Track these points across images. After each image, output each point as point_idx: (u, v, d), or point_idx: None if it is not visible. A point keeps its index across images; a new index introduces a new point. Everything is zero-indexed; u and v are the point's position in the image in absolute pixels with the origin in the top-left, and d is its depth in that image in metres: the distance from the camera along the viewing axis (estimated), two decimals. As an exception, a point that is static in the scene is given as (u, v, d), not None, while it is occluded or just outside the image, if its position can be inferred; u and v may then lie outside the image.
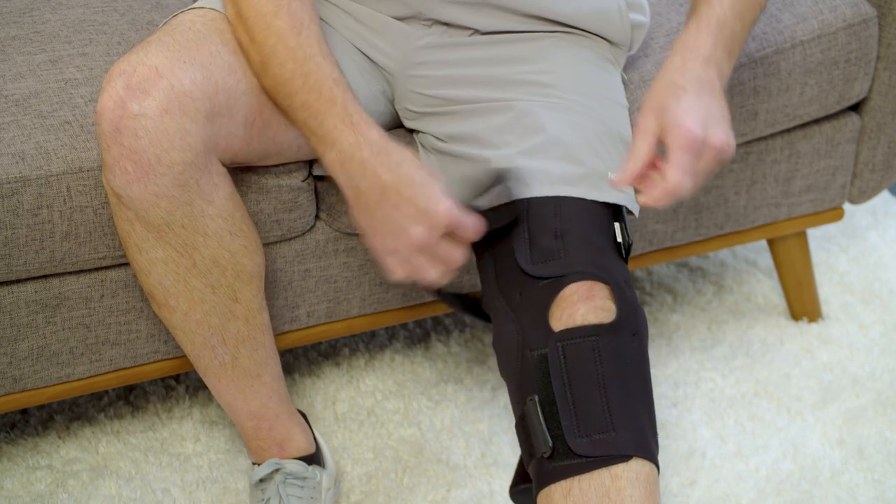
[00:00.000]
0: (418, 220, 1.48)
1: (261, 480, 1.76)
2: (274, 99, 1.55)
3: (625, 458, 1.43)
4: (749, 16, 1.54)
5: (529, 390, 1.48)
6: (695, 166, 1.44)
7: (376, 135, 1.50)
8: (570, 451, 1.44)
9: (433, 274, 1.51)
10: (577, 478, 1.43)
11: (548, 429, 1.45)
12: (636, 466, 1.44)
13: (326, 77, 1.50)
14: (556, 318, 1.48)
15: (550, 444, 1.44)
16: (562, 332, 1.46)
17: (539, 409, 1.46)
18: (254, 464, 1.79)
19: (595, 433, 1.44)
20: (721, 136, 1.45)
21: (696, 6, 1.54)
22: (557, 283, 1.49)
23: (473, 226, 1.49)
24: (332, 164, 1.51)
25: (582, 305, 1.47)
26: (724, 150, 1.45)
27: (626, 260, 1.56)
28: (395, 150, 1.49)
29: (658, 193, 1.44)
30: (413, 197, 1.48)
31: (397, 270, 1.52)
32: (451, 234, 1.50)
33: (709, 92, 1.47)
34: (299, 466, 1.76)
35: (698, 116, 1.44)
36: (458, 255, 1.51)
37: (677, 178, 1.43)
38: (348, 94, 1.51)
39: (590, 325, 1.46)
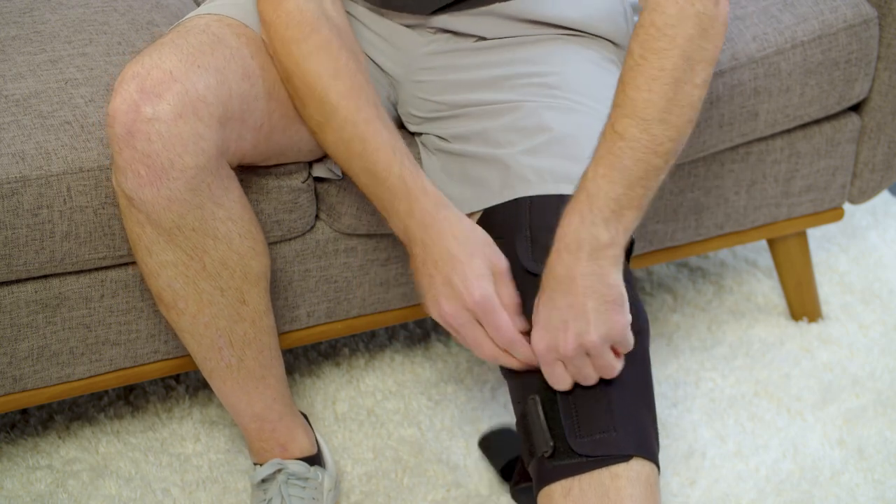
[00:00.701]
0: (450, 297, 1.47)
1: (263, 481, 1.76)
2: (334, 158, 1.56)
3: (625, 457, 1.43)
4: (637, 169, 1.42)
5: (530, 389, 1.48)
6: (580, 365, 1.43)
7: (427, 204, 1.49)
8: (570, 450, 1.44)
9: (487, 349, 1.48)
10: (577, 477, 1.43)
11: (549, 428, 1.45)
12: (636, 466, 1.44)
13: (384, 143, 1.51)
14: None
15: (551, 444, 1.45)
16: None
17: (540, 407, 1.46)
18: (255, 464, 1.79)
19: (596, 433, 1.44)
20: (568, 338, 1.41)
21: (585, 174, 1.44)
22: None
23: (505, 325, 1.45)
24: (394, 228, 1.54)
25: None
26: (581, 345, 1.41)
27: (628, 259, 1.56)
28: (442, 221, 1.49)
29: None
30: (449, 275, 1.47)
31: (454, 335, 1.50)
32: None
33: (560, 293, 1.41)
34: (301, 467, 1.76)
35: (544, 327, 1.43)
36: (504, 334, 1.46)
37: (563, 385, 1.44)
38: (405, 162, 1.51)
39: None
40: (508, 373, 1.52)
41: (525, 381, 1.49)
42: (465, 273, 1.46)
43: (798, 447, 1.94)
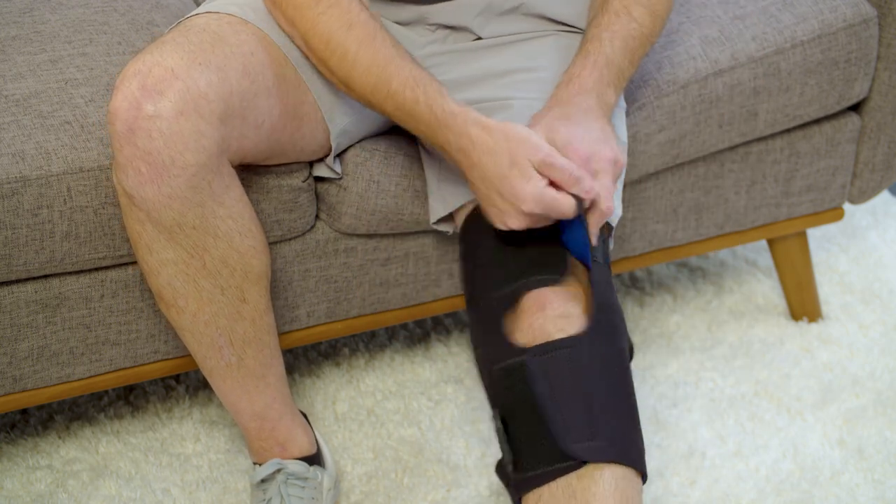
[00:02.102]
0: (509, 213, 1.51)
1: (262, 480, 1.76)
2: (369, 107, 1.60)
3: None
4: (638, 52, 1.64)
5: (494, 404, 1.50)
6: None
7: (457, 127, 1.52)
8: (535, 462, 1.46)
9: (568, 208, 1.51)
10: (546, 485, 1.45)
11: (508, 441, 1.48)
12: (608, 468, 1.45)
13: (406, 80, 1.54)
14: (520, 329, 1.49)
15: (510, 458, 1.47)
16: (519, 348, 1.48)
17: (500, 422, 1.49)
18: (255, 464, 1.79)
19: (582, 440, 1.45)
20: (608, 151, 1.52)
21: (585, 45, 1.61)
22: (513, 294, 1.51)
23: (566, 205, 1.49)
24: (445, 157, 1.59)
25: (539, 316, 1.48)
26: (615, 162, 1.53)
27: (607, 262, 1.57)
28: (474, 141, 1.51)
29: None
30: (498, 192, 1.50)
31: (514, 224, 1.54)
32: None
33: (593, 118, 1.55)
34: (301, 467, 1.76)
35: (584, 139, 1.51)
36: (565, 206, 1.50)
37: (588, 183, 1.49)
38: (429, 91, 1.54)
39: (560, 339, 1.47)
40: (484, 386, 1.53)
41: (492, 396, 1.51)
42: (510, 186, 1.49)
43: (798, 447, 1.94)
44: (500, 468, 1.51)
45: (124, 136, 1.48)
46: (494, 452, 1.92)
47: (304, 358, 2.07)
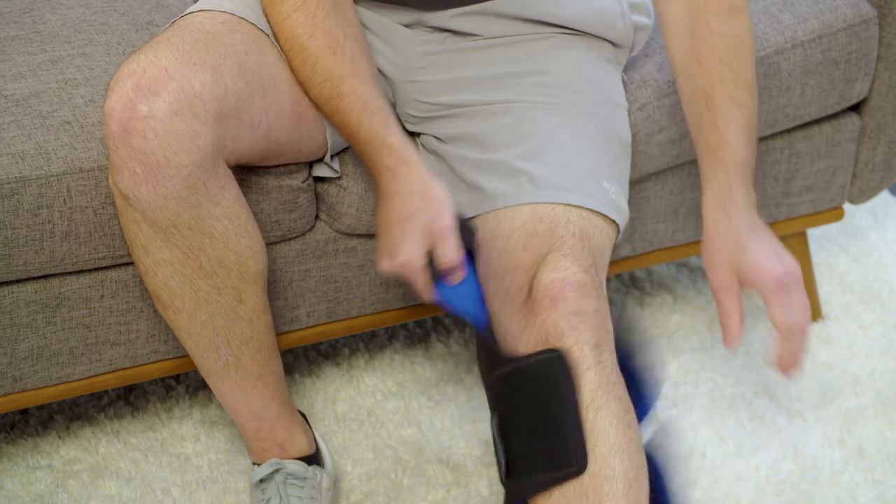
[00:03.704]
0: (385, 255, 1.51)
1: (261, 480, 1.76)
2: (320, 111, 1.60)
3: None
4: (755, 134, 1.62)
5: (492, 408, 1.51)
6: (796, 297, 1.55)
7: (389, 160, 1.53)
8: (525, 470, 1.47)
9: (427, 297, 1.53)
10: (558, 487, 1.45)
11: (503, 446, 1.48)
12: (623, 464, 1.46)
13: (357, 100, 1.54)
14: (533, 325, 1.49)
15: (504, 462, 1.48)
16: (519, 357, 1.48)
17: (496, 427, 1.49)
18: (254, 464, 1.79)
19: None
20: (792, 262, 1.55)
21: (714, 147, 1.59)
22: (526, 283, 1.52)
23: (422, 289, 1.51)
24: (370, 171, 1.58)
25: (552, 312, 1.48)
26: (799, 273, 1.55)
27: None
28: (397, 179, 1.52)
29: (782, 353, 1.55)
30: (390, 234, 1.51)
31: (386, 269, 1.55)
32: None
33: (759, 231, 1.58)
34: (300, 467, 1.76)
35: (771, 257, 1.54)
36: (424, 295, 1.52)
37: (786, 316, 1.52)
38: (376, 118, 1.54)
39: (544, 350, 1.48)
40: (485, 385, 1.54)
41: (490, 399, 1.52)
42: (399, 235, 1.50)
43: (798, 447, 1.94)
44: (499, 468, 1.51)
45: (119, 136, 1.48)
46: (492, 452, 1.92)
47: (304, 358, 2.07)
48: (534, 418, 1.46)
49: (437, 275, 1.51)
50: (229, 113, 1.52)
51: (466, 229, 1.52)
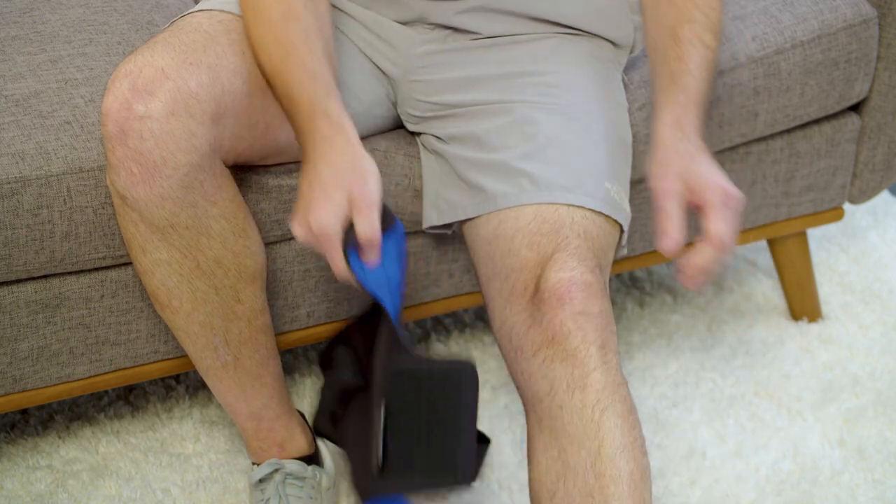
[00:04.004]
0: (301, 222, 1.45)
1: (260, 480, 1.76)
2: (264, 76, 1.55)
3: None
4: (715, 79, 1.66)
5: (381, 399, 1.45)
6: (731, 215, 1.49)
7: (324, 127, 1.47)
8: (402, 469, 1.44)
9: (336, 270, 1.47)
10: (562, 483, 1.46)
11: (384, 440, 1.44)
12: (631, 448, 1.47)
13: (304, 68, 1.49)
14: (539, 323, 1.48)
15: (381, 456, 1.44)
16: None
17: (382, 413, 1.44)
18: (254, 464, 1.79)
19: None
20: (734, 188, 1.50)
21: (676, 75, 1.57)
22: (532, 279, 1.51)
23: (335, 261, 1.45)
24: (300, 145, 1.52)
25: (559, 311, 1.48)
26: (743, 202, 1.52)
27: None
28: (329, 146, 1.47)
29: (699, 260, 1.47)
30: (309, 200, 1.45)
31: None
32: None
33: (708, 158, 1.52)
34: (299, 466, 1.76)
35: (721, 175, 1.49)
36: (335, 268, 1.46)
37: (723, 229, 1.46)
38: (318, 86, 1.49)
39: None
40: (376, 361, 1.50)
41: (382, 384, 1.46)
42: (319, 201, 1.44)
43: (798, 447, 1.94)
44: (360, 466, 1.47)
45: (116, 136, 1.48)
46: (494, 452, 1.92)
47: (304, 358, 2.07)
48: (429, 423, 1.44)
49: (349, 244, 1.44)
50: (226, 113, 1.52)
51: (388, 216, 1.48)
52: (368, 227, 1.43)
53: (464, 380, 1.44)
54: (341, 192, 1.44)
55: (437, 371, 1.44)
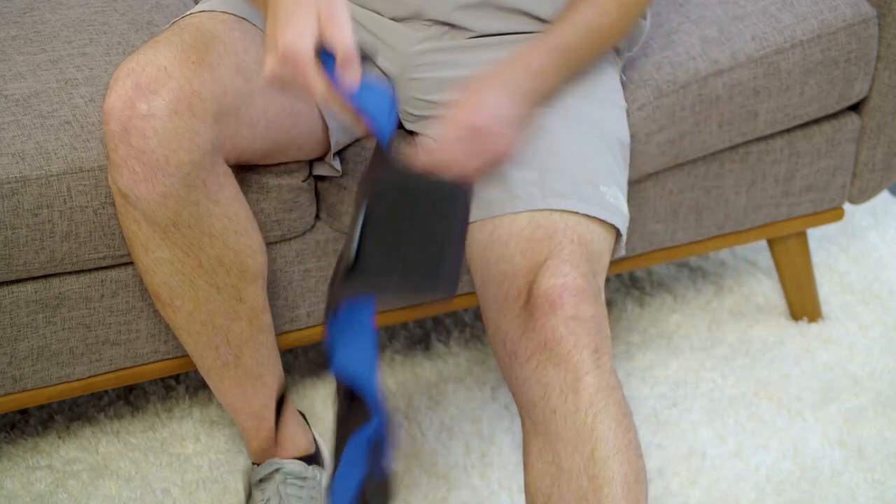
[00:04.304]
0: (269, 51, 1.37)
1: (260, 480, 1.76)
2: None
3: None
4: (601, 41, 1.62)
5: (363, 201, 1.39)
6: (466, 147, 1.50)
7: None
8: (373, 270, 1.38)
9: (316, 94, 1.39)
10: (562, 481, 1.46)
11: (360, 239, 1.38)
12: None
13: None
14: (531, 329, 1.48)
15: (354, 252, 1.37)
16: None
17: (363, 214, 1.38)
18: (254, 464, 1.79)
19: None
20: (501, 132, 1.51)
21: (548, 28, 1.59)
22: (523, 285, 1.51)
23: (308, 80, 1.36)
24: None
25: (551, 317, 1.47)
26: (498, 144, 1.52)
27: None
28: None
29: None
30: (272, 30, 1.36)
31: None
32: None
33: (511, 101, 1.53)
34: (299, 466, 1.76)
35: (488, 109, 1.50)
36: (312, 90, 1.37)
37: (445, 147, 1.47)
38: None
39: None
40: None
41: (367, 189, 1.40)
42: (285, 25, 1.34)
43: (798, 447, 1.94)
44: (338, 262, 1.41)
45: (118, 135, 1.48)
46: (494, 452, 1.92)
47: (304, 358, 2.07)
48: (413, 231, 1.38)
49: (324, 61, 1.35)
50: (228, 111, 1.52)
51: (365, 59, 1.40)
52: (341, 38, 1.34)
53: (457, 196, 1.41)
54: (308, 11, 1.35)
55: (432, 184, 1.41)
